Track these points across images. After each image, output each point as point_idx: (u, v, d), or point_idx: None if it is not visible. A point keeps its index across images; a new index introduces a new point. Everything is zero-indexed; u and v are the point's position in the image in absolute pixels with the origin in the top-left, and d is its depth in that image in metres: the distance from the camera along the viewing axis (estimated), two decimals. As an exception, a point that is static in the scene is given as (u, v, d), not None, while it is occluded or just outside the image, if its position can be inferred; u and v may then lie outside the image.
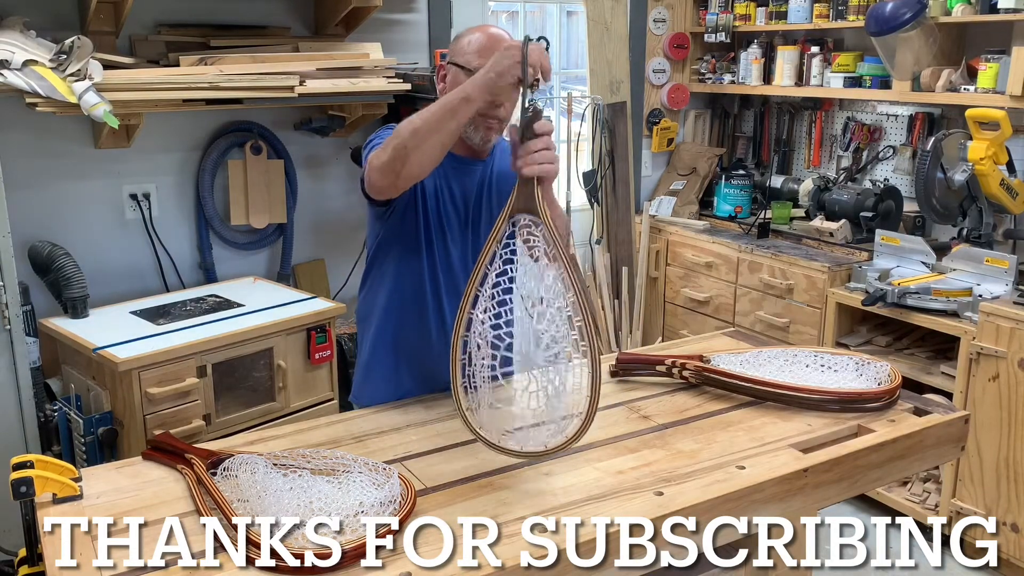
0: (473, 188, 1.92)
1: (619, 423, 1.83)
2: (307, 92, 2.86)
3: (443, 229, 1.90)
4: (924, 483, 3.14)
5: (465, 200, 1.92)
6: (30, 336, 2.60)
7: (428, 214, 1.88)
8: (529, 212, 1.57)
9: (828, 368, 1.99)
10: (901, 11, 3.17)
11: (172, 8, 3.01)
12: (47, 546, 1.37)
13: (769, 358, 2.04)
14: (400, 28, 3.46)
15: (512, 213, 1.58)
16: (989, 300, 2.87)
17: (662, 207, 4.18)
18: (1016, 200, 3.09)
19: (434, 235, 1.89)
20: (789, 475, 1.60)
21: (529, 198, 1.58)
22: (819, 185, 3.72)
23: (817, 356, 2.03)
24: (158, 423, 2.44)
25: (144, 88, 2.66)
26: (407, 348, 1.96)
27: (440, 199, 1.89)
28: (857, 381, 1.94)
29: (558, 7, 4.24)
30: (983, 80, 3.11)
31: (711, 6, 4.12)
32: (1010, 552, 2.84)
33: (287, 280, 3.37)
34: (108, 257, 3.04)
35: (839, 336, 3.33)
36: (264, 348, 2.69)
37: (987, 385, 2.83)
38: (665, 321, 4.18)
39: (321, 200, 3.45)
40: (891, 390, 1.89)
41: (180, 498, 1.50)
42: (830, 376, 1.96)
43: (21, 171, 2.79)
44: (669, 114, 4.33)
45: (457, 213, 1.91)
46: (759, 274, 3.62)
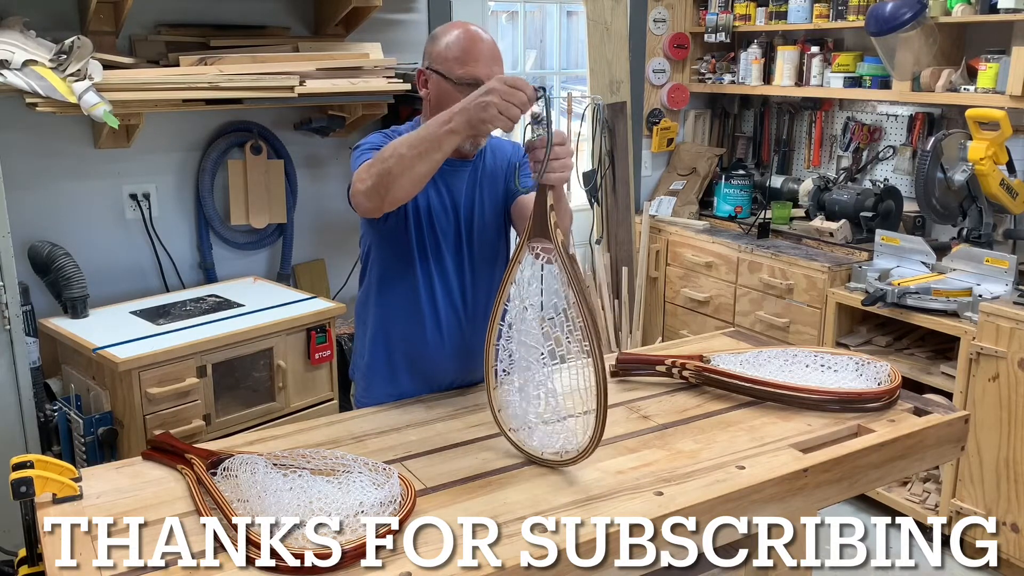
0: (463, 188, 1.92)
1: (619, 423, 1.83)
2: (307, 92, 2.86)
3: (435, 231, 1.90)
4: (924, 483, 3.14)
5: (455, 201, 1.91)
6: (30, 336, 2.60)
7: (420, 218, 1.88)
8: (544, 238, 1.60)
9: (828, 368, 1.99)
10: (901, 11, 3.17)
11: (172, 8, 3.01)
12: (47, 546, 1.37)
13: (769, 358, 2.04)
14: (400, 28, 3.46)
15: (530, 236, 1.62)
16: (989, 300, 2.87)
17: (662, 207, 4.18)
18: (1016, 200, 3.09)
19: (426, 237, 1.89)
20: (789, 475, 1.60)
21: (542, 218, 1.59)
22: (819, 185, 3.72)
23: (817, 356, 2.03)
24: (158, 423, 2.44)
25: (144, 88, 2.66)
26: (405, 349, 1.96)
27: (430, 202, 1.88)
28: (857, 381, 1.94)
29: (558, 7, 4.24)
30: (983, 80, 3.11)
31: (711, 6, 4.12)
32: (1010, 552, 2.84)
33: (287, 280, 3.37)
34: (108, 257, 3.04)
35: (839, 336, 3.33)
36: (264, 348, 2.69)
37: (987, 385, 2.83)
38: (665, 321, 4.18)
39: (321, 200, 3.45)
40: (891, 390, 1.89)
41: (180, 498, 1.50)
42: (830, 376, 1.96)
43: (21, 171, 2.79)
44: (669, 114, 4.33)
45: (446, 213, 1.90)
46: (759, 274, 3.62)
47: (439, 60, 1.82)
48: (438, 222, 1.90)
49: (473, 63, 1.79)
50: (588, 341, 1.53)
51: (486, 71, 1.78)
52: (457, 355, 1.96)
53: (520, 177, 1.90)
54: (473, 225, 1.93)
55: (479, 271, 1.96)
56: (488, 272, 1.97)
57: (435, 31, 1.89)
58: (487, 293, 1.97)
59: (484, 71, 1.78)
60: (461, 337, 1.94)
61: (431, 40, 1.87)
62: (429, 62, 1.85)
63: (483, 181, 1.94)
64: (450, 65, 1.80)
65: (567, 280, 1.56)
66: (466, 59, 1.80)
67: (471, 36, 1.82)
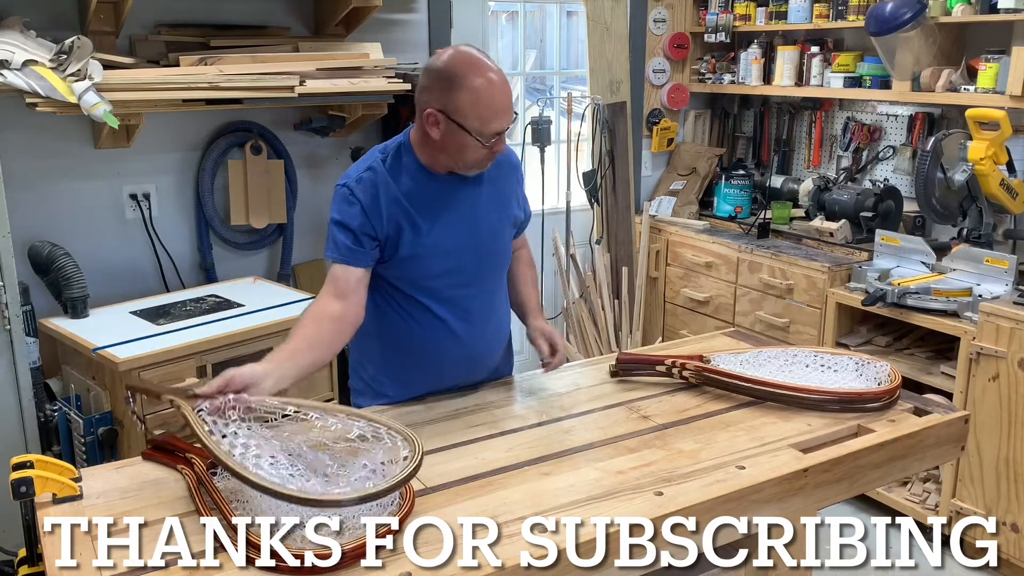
0: (470, 202, 1.90)
1: (619, 423, 1.83)
2: (307, 92, 2.86)
3: (445, 247, 1.88)
4: (924, 483, 3.14)
5: (461, 214, 1.89)
6: (30, 336, 2.60)
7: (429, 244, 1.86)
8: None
9: (828, 368, 1.99)
10: (901, 11, 3.17)
11: (172, 8, 3.01)
12: (47, 546, 1.37)
13: (769, 358, 2.04)
14: (400, 28, 3.46)
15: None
16: (989, 300, 2.87)
17: (662, 207, 4.18)
18: (1016, 200, 3.09)
19: (435, 256, 1.88)
20: (789, 475, 1.60)
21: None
22: (819, 185, 3.72)
23: (817, 356, 2.03)
24: (158, 423, 2.44)
25: (144, 88, 2.66)
26: (415, 357, 1.95)
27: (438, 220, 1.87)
28: (857, 381, 1.94)
29: (558, 7, 4.24)
30: (983, 80, 3.11)
31: (711, 6, 4.12)
32: (1010, 552, 2.84)
33: (287, 280, 3.36)
34: (108, 257, 3.04)
35: (839, 336, 3.33)
36: (264, 348, 2.68)
37: (987, 385, 2.83)
38: (665, 321, 4.18)
39: (321, 200, 3.44)
40: (891, 390, 1.89)
41: (180, 498, 1.50)
42: (830, 376, 1.96)
43: (21, 171, 2.79)
44: (669, 114, 4.33)
45: (451, 229, 1.89)
46: (759, 274, 3.62)
47: (458, 113, 1.73)
48: (440, 245, 1.87)
49: (500, 119, 1.76)
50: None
51: (507, 121, 1.77)
52: (461, 361, 1.97)
53: None
54: (481, 237, 1.92)
55: (486, 277, 1.97)
56: (492, 277, 1.99)
57: (443, 67, 1.75)
58: (491, 296, 2.00)
59: (506, 122, 1.77)
60: (466, 342, 1.95)
61: (442, 80, 1.74)
62: (443, 109, 1.74)
63: (488, 194, 1.93)
64: (476, 124, 1.73)
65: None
66: (495, 118, 1.75)
67: (492, 89, 1.73)
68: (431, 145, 1.81)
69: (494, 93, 1.74)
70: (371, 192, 1.81)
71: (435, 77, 1.76)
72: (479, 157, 1.80)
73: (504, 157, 1.94)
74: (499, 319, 2.04)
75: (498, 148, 1.81)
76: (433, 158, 1.84)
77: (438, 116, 1.75)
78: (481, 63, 1.75)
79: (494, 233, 1.95)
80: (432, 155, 1.84)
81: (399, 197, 1.83)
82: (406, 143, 1.87)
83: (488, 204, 1.93)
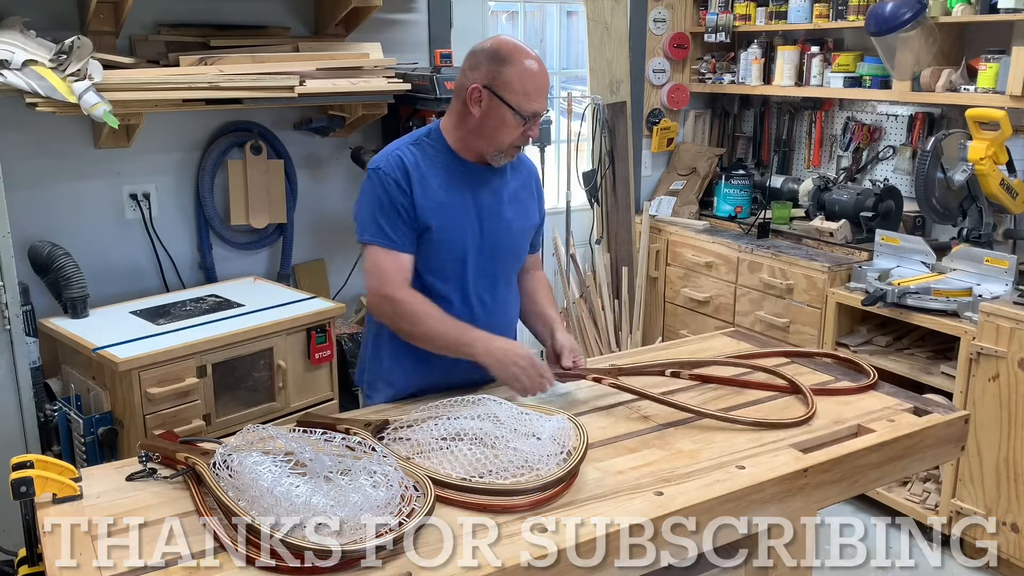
0: (489, 194, 1.96)
1: (619, 423, 1.84)
2: (307, 92, 2.86)
3: (462, 241, 1.93)
4: (924, 483, 3.14)
5: (479, 207, 1.94)
6: (30, 336, 2.60)
7: (445, 234, 1.90)
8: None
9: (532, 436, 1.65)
10: (901, 11, 3.17)
11: (172, 8, 3.01)
12: (47, 546, 1.37)
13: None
14: (400, 28, 3.46)
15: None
16: (989, 300, 2.87)
17: (662, 207, 4.18)
18: (1016, 200, 3.09)
19: (452, 248, 1.92)
20: (789, 475, 1.60)
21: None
22: (819, 185, 3.72)
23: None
24: (158, 423, 2.44)
25: (144, 88, 2.66)
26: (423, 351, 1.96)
27: (455, 212, 1.91)
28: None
29: (558, 7, 4.24)
30: (983, 80, 3.11)
31: (711, 6, 4.12)
32: (1010, 552, 2.84)
33: (287, 280, 3.36)
34: (108, 257, 3.04)
35: (839, 336, 3.33)
36: (264, 348, 2.69)
37: (987, 385, 2.83)
38: (665, 321, 4.18)
39: (321, 200, 3.45)
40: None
41: (180, 498, 1.50)
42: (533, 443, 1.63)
43: (21, 171, 2.78)
44: (669, 114, 4.33)
45: (471, 221, 1.94)
46: (759, 274, 3.62)
47: (505, 88, 1.83)
48: (464, 231, 1.93)
49: (540, 100, 1.86)
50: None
51: (544, 105, 1.89)
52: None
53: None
54: (500, 227, 1.97)
55: (500, 272, 2.01)
56: (507, 269, 2.04)
57: (496, 48, 1.86)
58: (505, 290, 2.04)
59: (543, 105, 1.88)
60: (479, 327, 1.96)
61: (494, 60, 1.85)
62: (490, 84, 1.84)
63: (511, 189, 2.00)
64: (519, 99, 1.83)
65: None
66: (537, 96, 1.86)
67: (540, 70, 1.86)
68: (467, 127, 1.90)
69: (538, 74, 1.86)
70: (403, 171, 1.89)
71: (484, 56, 1.87)
72: (513, 138, 1.88)
73: (525, 163, 2.06)
74: (509, 316, 2.09)
75: (532, 132, 1.89)
76: (465, 143, 1.92)
77: (483, 92, 1.85)
78: (527, 49, 1.89)
79: (512, 227, 2.01)
80: (465, 139, 1.91)
81: (426, 178, 1.90)
82: (435, 130, 1.96)
83: (510, 198, 2.00)
